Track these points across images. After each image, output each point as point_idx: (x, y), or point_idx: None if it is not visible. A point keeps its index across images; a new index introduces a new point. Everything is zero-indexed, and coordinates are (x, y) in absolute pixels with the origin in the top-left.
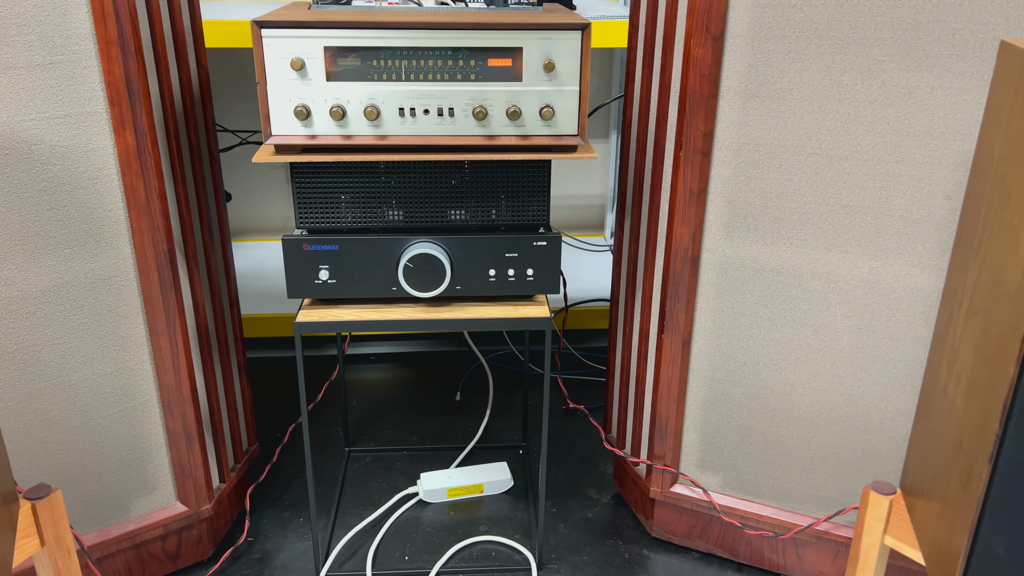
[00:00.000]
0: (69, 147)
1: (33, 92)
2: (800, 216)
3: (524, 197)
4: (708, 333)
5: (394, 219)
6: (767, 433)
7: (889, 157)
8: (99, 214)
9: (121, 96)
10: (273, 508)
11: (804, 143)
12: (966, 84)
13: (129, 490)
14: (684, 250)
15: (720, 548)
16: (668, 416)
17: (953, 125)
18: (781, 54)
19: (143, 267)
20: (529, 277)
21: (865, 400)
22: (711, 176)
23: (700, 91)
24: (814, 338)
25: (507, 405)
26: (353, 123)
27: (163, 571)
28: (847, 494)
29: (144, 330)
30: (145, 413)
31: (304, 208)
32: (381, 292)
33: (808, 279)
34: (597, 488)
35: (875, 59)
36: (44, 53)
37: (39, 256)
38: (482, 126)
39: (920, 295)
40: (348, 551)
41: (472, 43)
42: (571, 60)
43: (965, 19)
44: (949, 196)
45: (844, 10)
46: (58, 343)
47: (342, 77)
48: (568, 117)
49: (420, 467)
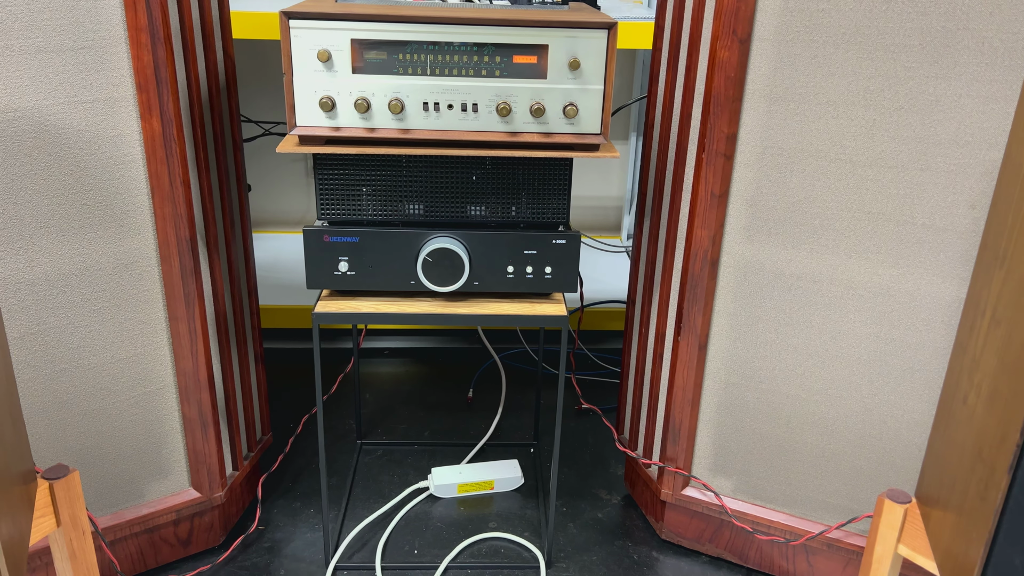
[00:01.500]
0: (96, 132)
1: (63, 76)
2: (822, 222)
3: (545, 195)
4: (725, 337)
5: (414, 213)
6: (781, 438)
7: (913, 165)
8: (123, 199)
9: (149, 83)
10: (284, 498)
11: (828, 148)
12: (994, 93)
13: (143, 474)
14: (703, 253)
15: (730, 553)
16: (682, 419)
17: (980, 134)
18: (808, 58)
19: (165, 253)
20: (547, 275)
21: (881, 408)
22: (733, 179)
23: (725, 93)
24: (832, 344)
25: (519, 403)
26: (377, 116)
27: (174, 556)
28: (860, 502)
29: (164, 316)
30: (162, 398)
31: (326, 200)
32: (399, 285)
33: (828, 285)
34: (607, 489)
35: (902, 65)
36: (75, 38)
37: (63, 239)
38: (505, 122)
39: (940, 304)
40: (358, 543)
41: (498, 39)
42: (596, 59)
43: (995, 28)
44: (973, 206)
45: (872, 16)
46: (79, 326)
47: (368, 70)
48: (592, 116)
49: (431, 462)
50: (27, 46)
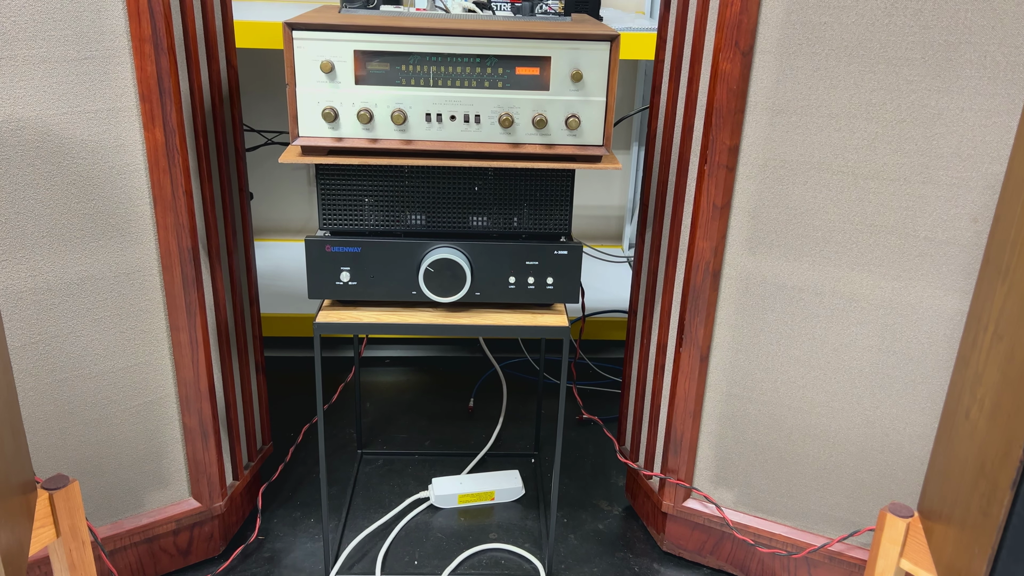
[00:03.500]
0: (99, 142)
1: (66, 86)
2: (824, 234)
3: (546, 205)
4: (727, 348)
5: (416, 223)
6: (783, 451)
7: (916, 177)
8: (126, 209)
9: (152, 93)
10: (284, 507)
11: (830, 160)
12: (996, 107)
13: (144, 484)
14: (705, 264)
15: (731, 565)
16: (683, 430)
17: (982, 147)
18: (810, 71)
19: (167, 263)
20: (549, 286)
21: (883, 421)
22: (735, 191)
23: (727, 105)
24: (834, 357)
25: (520, 413)
26: (380, 127)
27: (174, 566)
28: (862, 515)
29: (165, 325)
30: (163, 408)
31: (328, 210)
32: (401, 296)
33: (830, 297)
34: (608, 500)
35: (904, 79)
36: (79, 48)
37: (66, 249)
38: (507, 134)
39: (943, 317)
40: (358, 553)
41: (501, 51)
42: (599, 71)
43: (998, 42)
44: (976, 219)
45: (875, 29)
46: (80, 335)
47: (371, 81)
48: (594, 127)
49: (431, 472)
50: (31, 56)
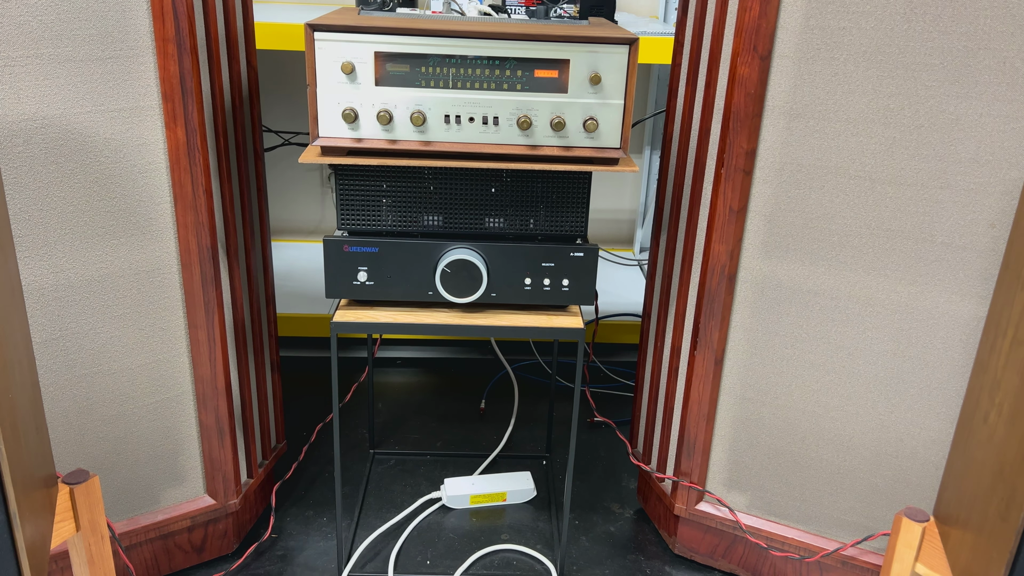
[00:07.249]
0: (122, 140)
1: (90, 85)
2: (840, 238)
3: (563, 208)
4: (741, 352)
5: (433, 224)
6: (796, 454)
7: (933, 183)
8: (147, 207)
9: (174, 92)
10: (298, 506)
11: (847, 165)
12: (1015, 112)
13: (160, 480)
14: (721, 267)
15: (743, 569)
16: (697, 433)
17: (1000, 153)
18: (828, 76)
19: (186, 261)
20: (564, 287)
21: (898, 426)
22: (752, 194)
23: (745, 109)
24: (848, 361)
25: (531, 415)
26: (399, 128)
27: (188, 563)
28: (875, 520)
29: (183, 323)
30: (180, 405)
31: (346, 210)
32: (417, 296)
33: (845, 302)
34: (620, 502)
35: (923, 84)
36: (103, 48)
37: (87, 246)
38: (525, 136)
39: (959, 322)
40: (370, 552)
41: (520, 54)
42: (617, 74)
43: (1016, 48)
44: (993, 224)
45: (894, 35)
46: (100, 332)
47: (391, 82)
48: (611, 130)
49: (443, 472)
50: (56, 55)
